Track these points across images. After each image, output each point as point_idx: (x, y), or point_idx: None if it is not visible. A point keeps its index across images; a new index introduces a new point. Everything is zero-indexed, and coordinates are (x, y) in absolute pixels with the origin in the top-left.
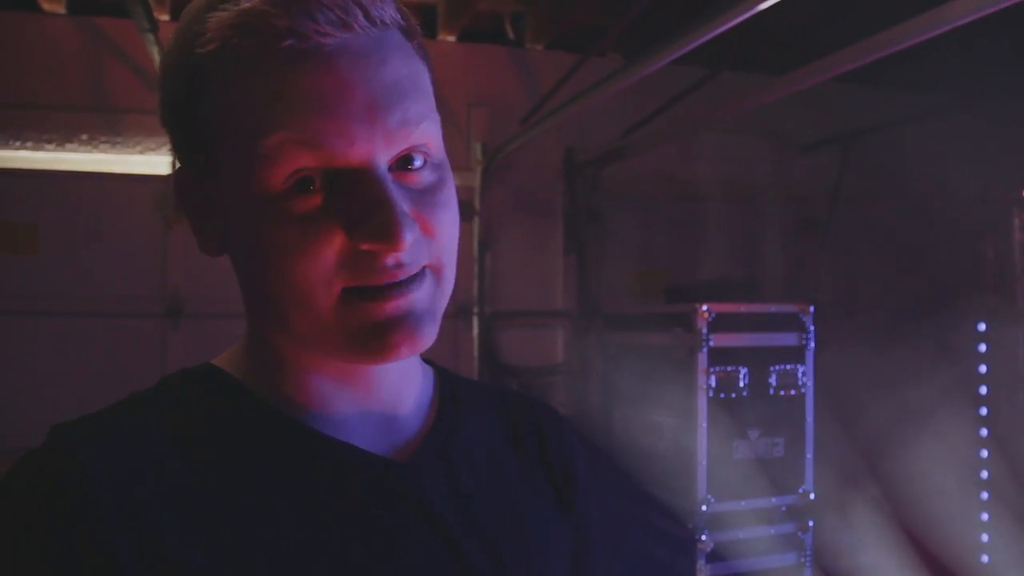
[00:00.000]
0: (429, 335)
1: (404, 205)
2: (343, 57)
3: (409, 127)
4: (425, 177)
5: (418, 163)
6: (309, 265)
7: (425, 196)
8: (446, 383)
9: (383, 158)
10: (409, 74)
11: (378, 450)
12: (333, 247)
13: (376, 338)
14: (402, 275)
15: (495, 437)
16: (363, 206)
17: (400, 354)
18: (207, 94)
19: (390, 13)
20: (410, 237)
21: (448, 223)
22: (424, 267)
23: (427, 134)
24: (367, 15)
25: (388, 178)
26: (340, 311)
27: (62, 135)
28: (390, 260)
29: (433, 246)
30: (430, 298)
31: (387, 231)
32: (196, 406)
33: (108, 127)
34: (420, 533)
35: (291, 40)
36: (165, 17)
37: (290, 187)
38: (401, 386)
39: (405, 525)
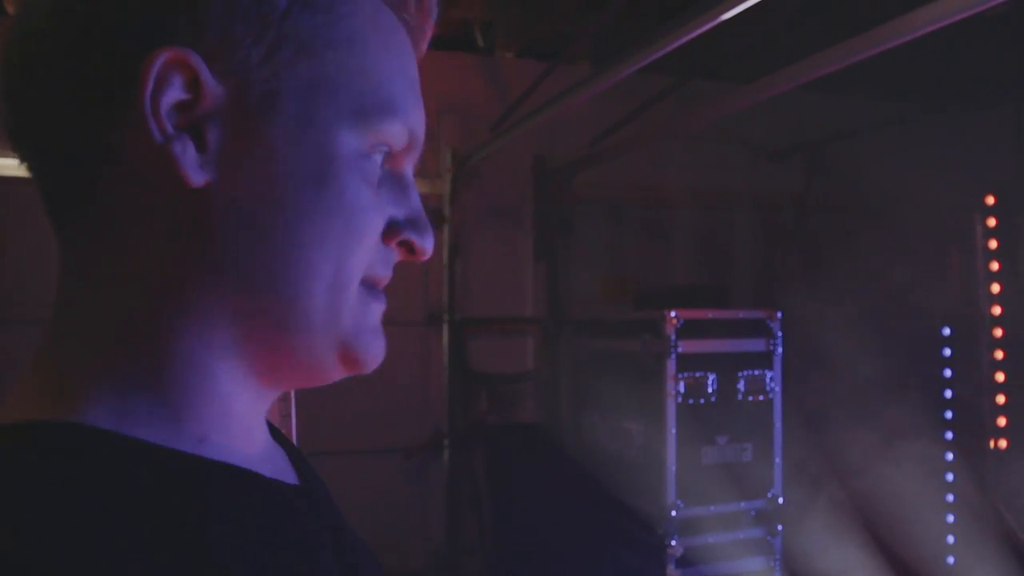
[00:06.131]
0: None
1: None
2: (419, 50)
3: None
4: None
5: None
6: (372, 232)
7: None
8: None
9: None
10: None
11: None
12: (380, 227)
13: (374, 344)
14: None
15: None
16: (412, 205)
17: (377, 364)
18: (304, 28)
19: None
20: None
21: None
22: None
23: None
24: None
25: None
26: (355, 305)
27: None
28: (392, 265)
29: None
30: None
31: (427, 236)
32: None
33: None
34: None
35: (409, 13)
36: None
37: (374, 152)
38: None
39: (323, 545)
